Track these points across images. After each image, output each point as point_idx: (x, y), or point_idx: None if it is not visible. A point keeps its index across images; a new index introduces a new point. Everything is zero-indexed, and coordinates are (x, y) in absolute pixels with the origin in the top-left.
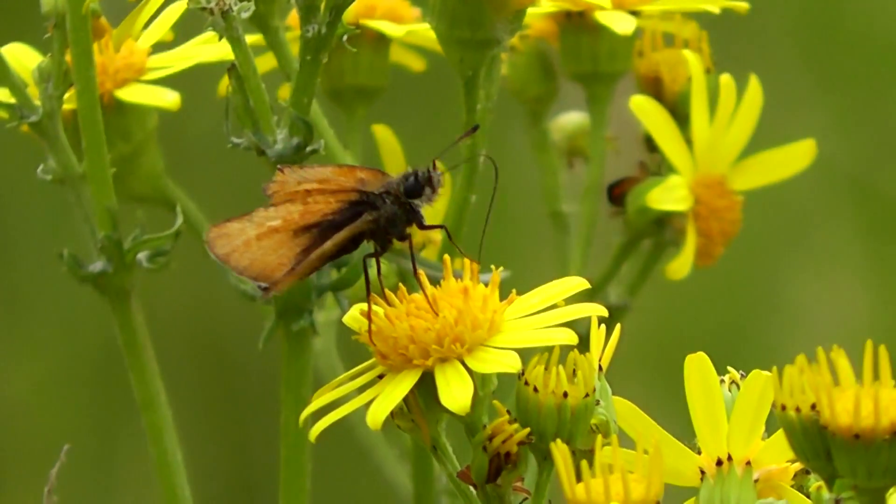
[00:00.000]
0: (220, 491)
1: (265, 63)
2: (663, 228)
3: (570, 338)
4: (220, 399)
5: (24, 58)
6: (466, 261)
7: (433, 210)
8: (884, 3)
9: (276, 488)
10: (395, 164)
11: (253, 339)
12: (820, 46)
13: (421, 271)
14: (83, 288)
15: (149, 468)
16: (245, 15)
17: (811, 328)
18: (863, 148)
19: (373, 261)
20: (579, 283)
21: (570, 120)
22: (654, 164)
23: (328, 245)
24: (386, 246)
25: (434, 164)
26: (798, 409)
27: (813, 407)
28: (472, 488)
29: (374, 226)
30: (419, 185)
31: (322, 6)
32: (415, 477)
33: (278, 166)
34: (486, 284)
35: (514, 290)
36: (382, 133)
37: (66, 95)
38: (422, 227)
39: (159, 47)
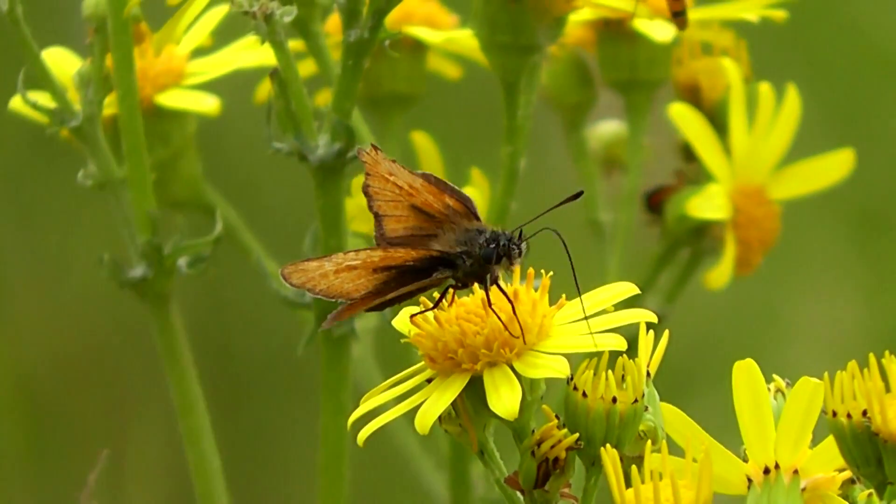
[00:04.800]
0: (252, 497)
1: (303, 69)
2: (702, 237)
3: (620, 343)
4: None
5: (64, 62)
6: (517, 266)
7: None
8: (876, 14)
9: (307, 495)
10: (434, 171)
11: (282, 346)
12: (814, 53)
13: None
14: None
15: None
16: (287, 19)
17: (806, 337)
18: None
19: None
20: (628, 289)
21: (608, 128)
22: (692, 173)
23: (407, 289)
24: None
25: (521, 234)
26: (849, 416)
27: (864, 413)
28: (519, 494)
29: (453, 281)
30: (497, 257)
31: (365, 11)
32: (452, 485)
33: (371, 143)
34: (536, 289)
35: (563, 295)
36: (422, 140)
37: (107, 100)
38: (496, 284)
39: (198, 52)
